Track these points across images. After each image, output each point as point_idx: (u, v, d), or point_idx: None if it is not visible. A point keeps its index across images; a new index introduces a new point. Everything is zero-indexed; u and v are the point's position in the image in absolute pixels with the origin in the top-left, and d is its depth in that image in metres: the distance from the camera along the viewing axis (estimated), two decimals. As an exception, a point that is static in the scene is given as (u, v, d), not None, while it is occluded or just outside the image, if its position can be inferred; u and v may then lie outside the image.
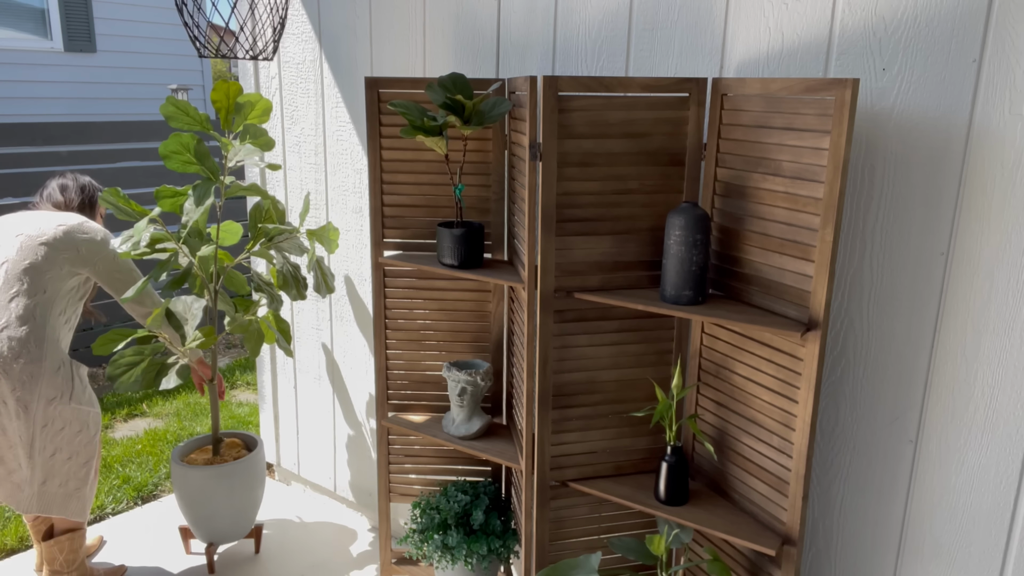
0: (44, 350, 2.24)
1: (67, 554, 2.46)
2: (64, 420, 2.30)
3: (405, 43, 2.54)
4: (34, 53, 7.20)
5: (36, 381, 2.22)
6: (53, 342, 2.29)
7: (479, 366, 2.37)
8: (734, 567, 1.93)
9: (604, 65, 2.09)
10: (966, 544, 1.74)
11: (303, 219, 2.67)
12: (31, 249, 2.30)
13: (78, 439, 2.35)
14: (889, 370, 1.78)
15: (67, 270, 2.35)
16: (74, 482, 2.36)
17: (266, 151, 2.59)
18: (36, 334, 2.24)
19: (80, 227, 2.40)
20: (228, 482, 2.69)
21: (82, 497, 2.40)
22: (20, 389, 2.20)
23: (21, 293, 2.24)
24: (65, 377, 2.30)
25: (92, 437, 2.40)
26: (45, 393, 2.24)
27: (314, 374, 3.15)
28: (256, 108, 2.54)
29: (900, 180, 1.69)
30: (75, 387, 2.32)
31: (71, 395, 2.30)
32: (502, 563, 2.42)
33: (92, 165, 4.94)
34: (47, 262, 2.31)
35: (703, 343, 1.95)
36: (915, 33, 1.62)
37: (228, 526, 2.76)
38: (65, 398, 2.29)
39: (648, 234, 1.93)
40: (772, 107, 1.67)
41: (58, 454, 2.31)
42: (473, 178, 2.29)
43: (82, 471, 2.38)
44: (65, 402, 2.29)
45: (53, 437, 2.29)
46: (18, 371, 2.19)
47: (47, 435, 2.28)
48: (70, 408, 2.30)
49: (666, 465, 1.89)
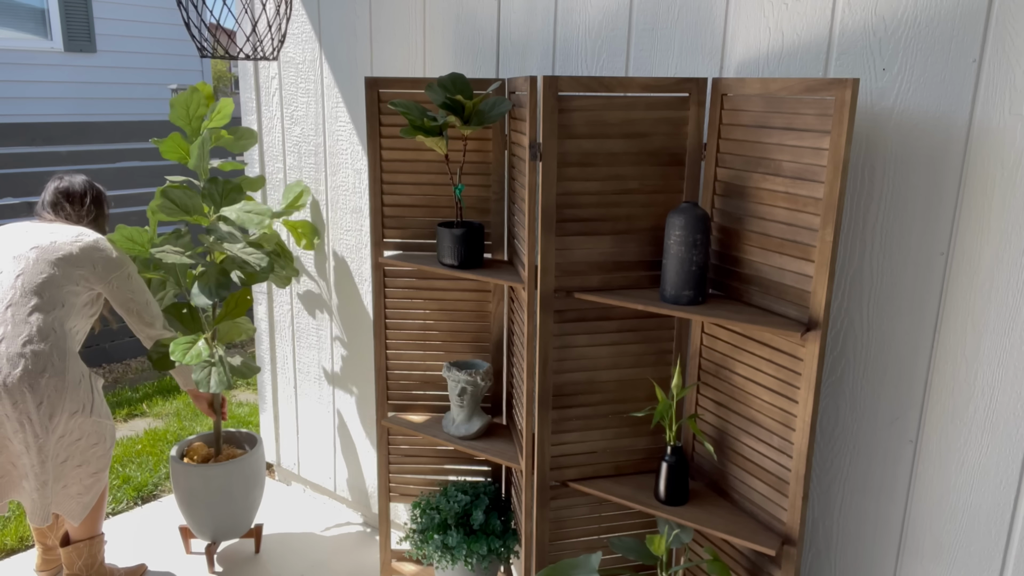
0: (67, 363, 2.25)
1: (85, 559, 2.47)
2: (82, 432, 2.32)
3: (405, 43, 2.54)
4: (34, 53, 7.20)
5: (61, 395, 2.24)
6: (74, 355, 2.30)
7: (479, 366, 2.37)
8: (734, 567, 1.93)
9: (604, 65, 2.09)
10: (966, 544, 1.74)
11: (292, 208, 2.70)
12: (47, 263, 2.30)
13: (92, 451, 2.36)
14: (889, 370, 1.78)
15: (82, 286, 2.36)
16: (77, 487, 2.36)
17: (249, 146, 2.80)
18: (58, 348, 2.25)
19: (96, 244, 2.41)
20: (228, 481, 2.69)
21: (83, 503, 2.39)
22: (47, 403, 2.21)
23: (40, 308, 2.24)
24: (86, 390, 2.31)
25: (107, 450, 2.41)
26: (69, 407, 2.25)
27: (314, 374, 3.15)
28: (220, 112, 2.65)
29: (900, 180, 1.69)
30: (95, 400, 2.34)
31: (92, 408, 2.32)
32: (502, 563, 2.42)
33: (92, 165, 4.94)
34: (64, 277, 2.31)
35: (703, 343, 1.95)
36: (915, 33, 1.62)
37: (228, 524, 2.76)
38: (87, 411, 2.30)
39: (648, 234, 1.93)
40: (772, 107, 1.67)
41: (69, 461, 2.31)
42: (473, 178, 2.29)
43: (89, 479, 2.38)
44: (87, 415, 2.31)
45: (68, 447, 2.30)
46: (43, 385, 2.20)
47: (62, 444, 2.29)
48: (91, 421, 2.32)
49: (666, 465, 1.89)
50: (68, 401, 2.24)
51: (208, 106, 2.63)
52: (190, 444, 2.86)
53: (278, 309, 3.22)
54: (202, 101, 2.58)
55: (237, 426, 4.10)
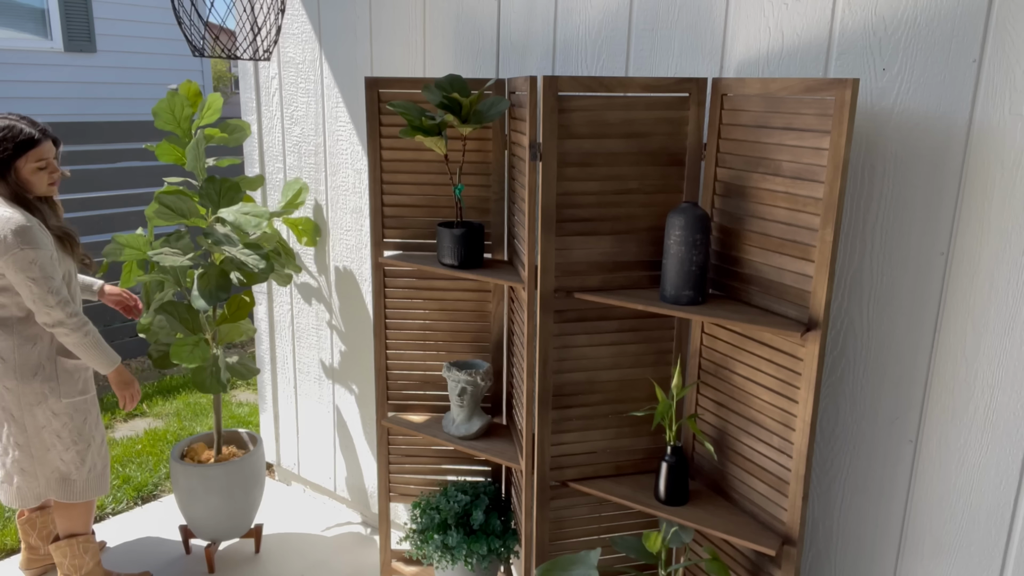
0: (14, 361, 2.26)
1: (71, 559, 2.46)
2: (82, 413, 2.35)
3: (405, 43, 2.54)
4: (34, 53, 7.20)
5: (16, 395, 2.26)
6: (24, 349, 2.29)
7: (479, 366, 2.37)
8: (734, 567, 1.93)
9: (604, 65, 2.09)
10: (966, 544, 1.74)
11: (291, 206, 2.70)
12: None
13: (84, 426, 2.38)
14: (889, 370, 1.78)
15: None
16: (65, 467, 2.38)
17: (243, 139, 2.79)
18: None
19: None
20: (228, 481, 2.69)
21: (75, 481, 2.40)
22: (7, 394, 2.25)
23: None
24: (50, 376, 2.30)
25: (96, 422, 2.43)
26: (30, 401, 2.28)
27: (314, 374, 3.15)
28: (210, 107, 2.65)
29: (900, 180, 1.69)
30: (62, 383, 2.33)
31: (60, 393, 2.32)
32: (502, 563, 2.42)
33: (92, 165, 4.93)
34: None
35: (703, 343, 1.95)
36: (915, 33, 1.62)
37: (228, 524, 2.76)
38: (54, 396, 2.30)
39: (648, 234, 1.93)
40: (772, 107, 1.67)
41: (56, 445, 2.33)
42: (473, 178, 2.29)
43: (76, 457, 2.39)
44: (56, 399, 2.31)
45: (53, 433, 2.32)
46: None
47: (45, 434, 2.30)
48: (62, 404, 2.32)
49: (666, 465, 1.89)
50: (28, 397, 2.31)
51: (196, 104, 2.63)
52: (190, 444, 2.86)
53: (278, 309, 3.22)
54: (185, 101, 2.58)
55: (237, 426, 4.10)
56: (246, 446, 2.93)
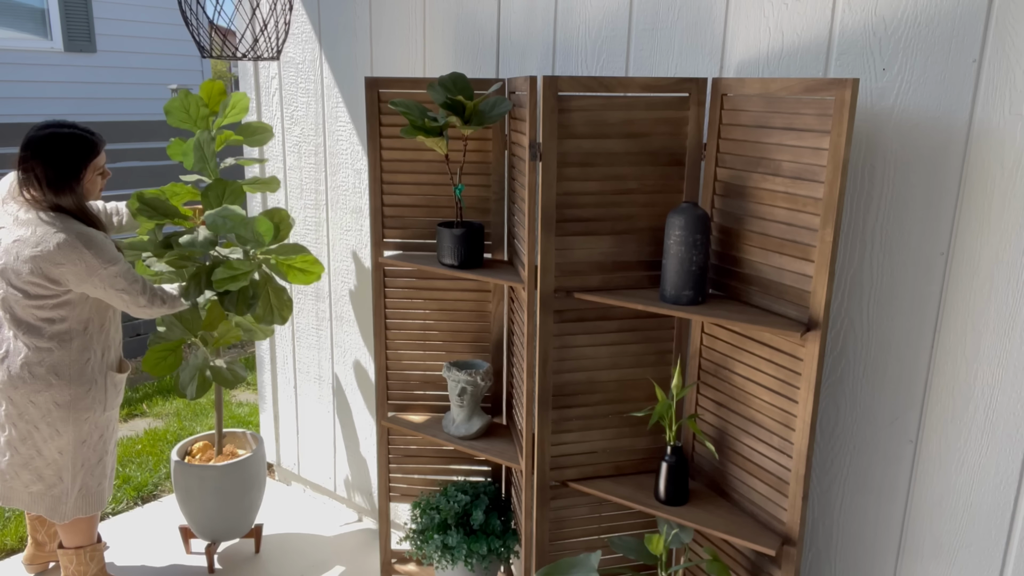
0: (74, 369, 2.26)
1: (77, 565, 2.47)
2: (100, 429, 2.36)
3: (405, 43, 2.54)
4: (34, 53, 7.20)
5: (66, 410, 2.27)
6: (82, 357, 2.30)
7: (479, 366, 2.37)
8: (734, 567, 1.93)
9: (604, 65, 2.09)
10: (966, 544, 1.74)
11: (280, 235, 2.45)
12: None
13: (104, 441, 2.40)
14: (889, 370, 1.78)
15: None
16: (92, 480, 2.40)
17: (266, 141, 2.72)
18: (65, 352, 2.25)
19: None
20: (228, 481, 2.69)
21: (94, 493, 2.42)
22: (56, 410, 2.25)
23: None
24: (100, 389, 2.32)
25: (112, 436, 2.45)
26: (81, 408, 2.28)
27: (314, 374, 3.15)
28: (236, 106, 2.60)
29: (900, 180, 1.69)
30: (108, 396, 2.35)
31: (105, 406, 2.34)
32: (502, 563, 2.42)
33: (92, 165, 4.93)
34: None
35: (703, 343, 1.95)
36: (915, 33, 1.62)
37: (228, 524, 2.76)
38: (99, 409, 2.32)
39: (648, 234, 1.93)
40: (772, 107, 1.67)
41: (89, 460, 2.36)
42: (473, 178, 2.29)
43: (99, 468, 2.41)
44: (100, 413, 2.33)
45: (94, 446, 2.35)
46: (39, 392, 2.23)
47: (88, 447, 2.33)
48: (104, 417, 2.35)
49: (666, 465, 1.89)
50: (82, 405, 2.32)
51: (216, 104, 2.59)
52: (191, 444, 2.86)
53: (278, 309, 3.22)
54: (200, 101, 2.55)
55: (237, 426, 4.10)
56: (246, 446, 2.93)
